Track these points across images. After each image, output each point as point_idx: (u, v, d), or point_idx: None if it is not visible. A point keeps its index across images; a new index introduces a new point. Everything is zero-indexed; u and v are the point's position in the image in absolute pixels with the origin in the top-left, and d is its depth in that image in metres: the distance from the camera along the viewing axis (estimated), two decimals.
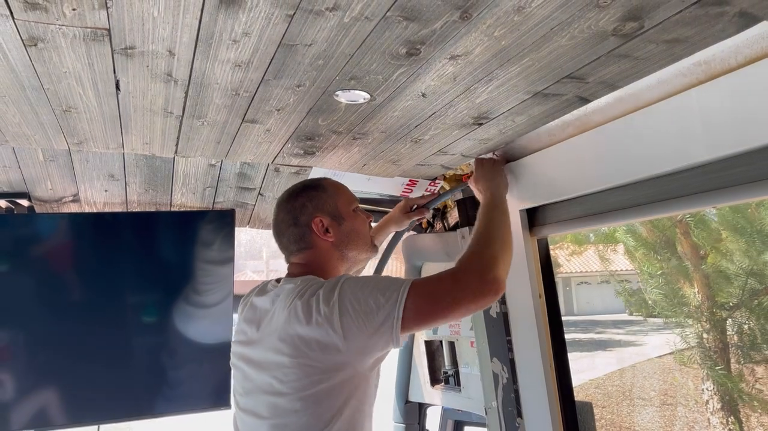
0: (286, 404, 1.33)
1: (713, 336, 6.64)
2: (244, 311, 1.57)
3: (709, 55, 1.16)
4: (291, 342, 1.33)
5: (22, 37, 1.05)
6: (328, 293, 1.34)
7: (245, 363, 1.47)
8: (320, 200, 1.56)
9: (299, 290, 1.38)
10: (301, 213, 1.54)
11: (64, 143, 1.63)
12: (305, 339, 1.31)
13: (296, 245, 1.55)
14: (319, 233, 1.53)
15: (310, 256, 1.54)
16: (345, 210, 1.58)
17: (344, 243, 1.56)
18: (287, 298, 1.38)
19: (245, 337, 1.51)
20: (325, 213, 1.54)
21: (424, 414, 2.67)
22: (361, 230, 1.60)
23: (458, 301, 1.32)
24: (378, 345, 1.32)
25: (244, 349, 1.49)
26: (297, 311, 1.34)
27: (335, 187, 1.61)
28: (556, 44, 1.10)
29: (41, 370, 2.11)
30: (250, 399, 1.44)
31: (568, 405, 1.77)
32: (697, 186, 1.26)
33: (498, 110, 1.43)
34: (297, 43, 1.10)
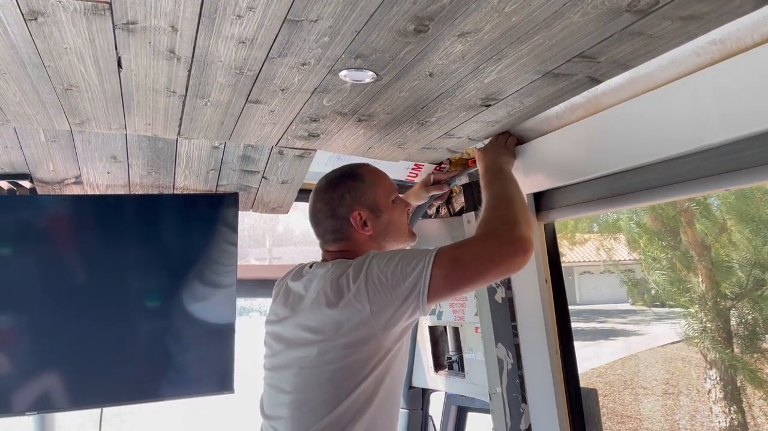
0: (310, 379, 1.37)
1: (716, 324, 6.63)
2: (279, 294, 1.59)
3: (725, 33, 1.13)
4: (322, 322, 1.37)
5: (22, 11, 1.03)
6: (356, 270, 1.36)
7: (274, 340, 1.51)
8: (359, 191, 1.54)
9: (330, 272, 1.41)
10: (340, 205, 1.53)
11: (66, 122, 1.61)
12: (337, 320, 1.34)
13: (332, 236, 1.55)
14: (357, 227, 1.52)
15: (347, 246, 1.54)
16: (384, 202, 1.57)
17: (382, 236, 1.56)
18: (319, 281, 1.42)
19: (276, 317, 1.54)
20: (363, 206, 1.53)
21: (427, 399, 2.66)
22: (400, 221, 1.60)
23: (488, 264, 1.31)
24: (405, 314, 1.33)
25: (275, 327, 1.53)
26: (327, 293, 1.37)
27: (375, 176, 1.60)
28: (568, 21, 1.07)
29: (44, 353, 2.10)
30: (276, 374, 1.48)
31: (573, 391, 1.76)
32: (711, 169, 1.24)
33: (507, 90, 1.40)
34: (302, 19, 1.07)
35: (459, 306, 2.27)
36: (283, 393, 1.42)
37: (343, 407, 1.33)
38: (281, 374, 1.45)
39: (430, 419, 2.69)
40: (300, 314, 1.44)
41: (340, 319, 1.34)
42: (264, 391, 1.54)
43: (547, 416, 1.75)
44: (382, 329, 1.33)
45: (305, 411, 1.36)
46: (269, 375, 1.51)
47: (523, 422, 1.83)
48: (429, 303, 1.32)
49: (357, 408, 1.34)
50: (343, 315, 1.33)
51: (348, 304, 1.33)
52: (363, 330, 1.33)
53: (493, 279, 1.39)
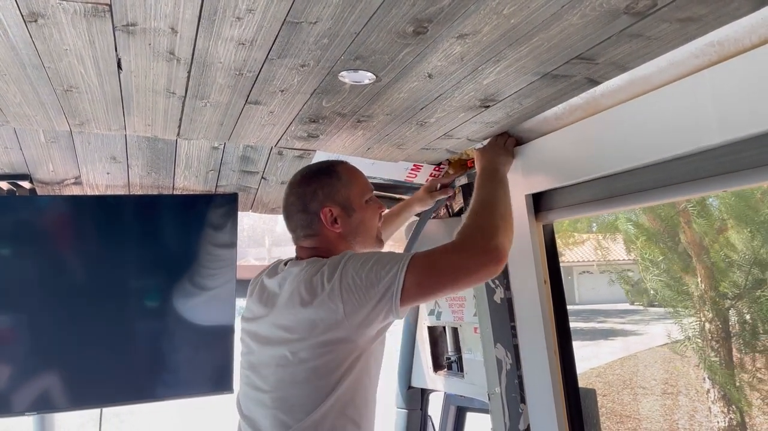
0: (287, 377, 1.37)
1: (715, 325, 6.63)
2: (255, 290, 1.59)
3: (723, 35, 1.13)
4: (296, 321, 1.37)
5: (22, 13, 1.03)
6: (331, 270, 1.36)
7: (251, 339, 1.51)
8: (332, 188, 1.53)
9: (304, 272, 1.40)
10: (311, 200, 1.52)
11: (66, 123, 1.61)
12: (311, 319, 1.34)
13: (303, 231, 1.54)
14: (327, 223, 1.51)
15: (317, 242, 1.53)
16: (357, 202, 1.56)
17: (352, 235, 1.55)
18: (293, 280, 1.41)
19: (252, 314, 1.54)
20: (335, 203, 1.52)
21: (426, 399, 2.67)
22: (370, 223, 1.59)
23: (460, 272, 1.32)
24: (379, 317, 1.33)
25: (251, 325, 1.53)
26: (301, 292, 1.36)
27: (350, 174, 1.58)
28: (566, 23, 1.07)
29: (44, 354, 2.10)
30: (254, 372, 1.47)
31: (572, 392, 1.76)
32: (709, 170, 1.24)
33: (505, 91, 1.40)
34: (302, 21, 1.07)
35: (458, 307, 2.27)
36: (261, 391, 1.42)
37: (325, 406, 1.34)
38: (259, 373, 1.45)
39: (429, 419, 2.70)
40: (275, 312, 1.43)
41: (314, 318, 1.34)
42: (241, 390, 1.54)
43: (545, 416, 1.75)
44: (356, 329, 1.33)
45: (285, 409, 1.37)
46: (246, 374, 1.50)
47: (521, 422, 1.83)
48: (402, 307, 1.31)
49: (338, 407, 1.35)
50: (317, 314, 1.33)
51: (322, 303, 1.33)
52: (337, 330, 1.33)
53: (465, 287, 1.40)
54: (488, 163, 1.63)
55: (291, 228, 1.58)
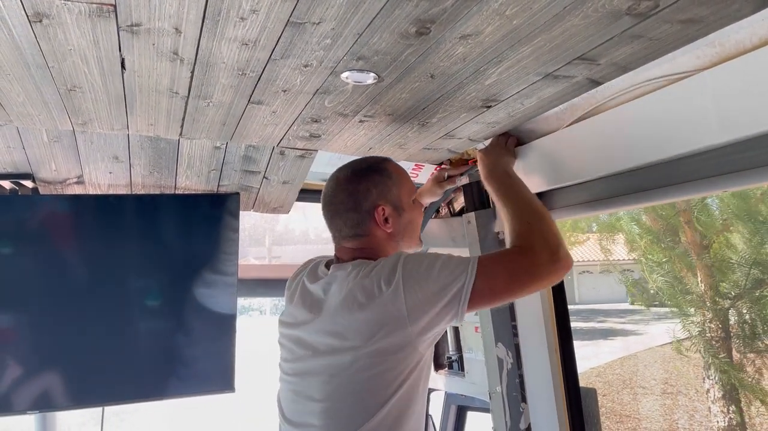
0: (343, 387, 1.31)
1: (715, 324, 6.65)
2: (296, 295, 1.53)
3: (724, 36, 1.14)
4: (351, 327, 1.31)
5: (27, 13, 1.04)
6: (389, 272, 1.31)
7: (295, 345, 1.46)
8: (385, 187, 1.49)
9: (354, 275, 1.35)
10: (365, 199, 1.47)
11: (69, 123, 1.62)
12: (368, 323, 1.29)
13: (351, 230, 1.49)
14: (379, 223, 1.47)
15: (365, 243, 1.48)
16: (406, 201, 1.53)
17: (401, 235, 1.52)
18: (342, 284, 1.36)
19: (294, 320, 1.49)
20: (388, 202, 1.48)
21: (427, 398, 2.67)
22: (417, 222, 1.57)
23: (534, 277, 1.31)
24: (442, 321, 1.30)
25: (294, 331, 1.47)
26: (357, 295, 1.31)
27: (400, 174, 1.55)
28: (568, 24, 1.08)
29: (46, 352, 2.11)
30: (303, 380, 1.41)
31: (573, 391, 1.77)
32: (710, 170, 1.25)
33: (507, 92, 1.41)
34: (305, 21, 1.08)
35: None
36: (313, 401, 1.36)
37: (379, 416, 1.28)
38: (308, 381, 1.39)
39: (430, 418, 2.70)
40: (323, 318, 1.38)
41: (373, 322, 1.28)
42: (286, 396, 1.48)
43: (546, 415, 1.76)
44: (418, 334, 1.29)
45: (339, 419, 1.31)
46: (294, 381, 1.45)
47: (522, 421, 1.84)
48: (468, 311, 1.29)
49: (393, 417, 1.30)
50: (377, 318, 1.28)
51: (382, 306, 1.28)
52: (398, 335, 1.28)
53: (531, 293, 1.38)
54: (494, 165, 1.62)
55: (335, 227, 1.52)
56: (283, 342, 1.52)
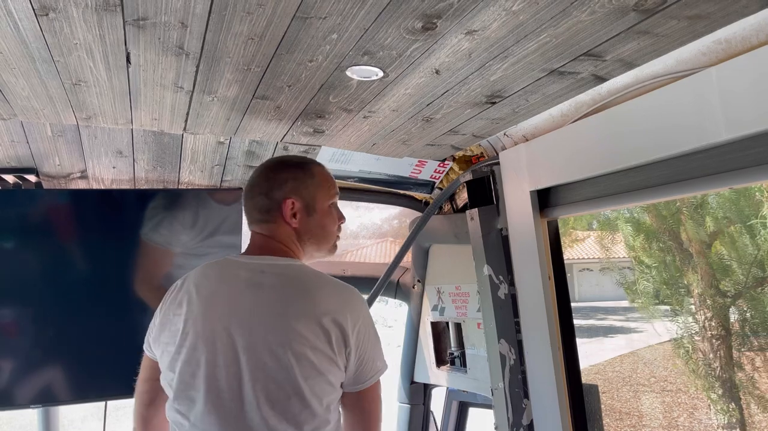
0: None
1: (715, 323, 6.65)
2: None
3: (730, 32, 1.14)
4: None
5: (33, 6, 1.04)
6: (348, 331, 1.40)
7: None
8: (303, 183, 1.51)
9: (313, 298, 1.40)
10: (279, 188, 1.50)
11: (73, 117, 1.62)
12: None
13: (259, 215, 1.51)
14: (285, 215, 1.49)
15: (272, 231, 1.51)
16: (321, 205, 1.54)
17: (306, 235, 1.52)
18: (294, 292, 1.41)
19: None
20: (301, 198, 1.50)
21: (429, 394, 2.68)
22: (329, 228, 1.57)
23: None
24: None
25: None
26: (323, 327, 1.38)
27: (323, 178, 1.56)
28: (575, 19, 1.08)
29: (48, 346, 2.11)
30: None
31: (575, 387, 1.77)
32: (715, 167, 1.25)
33: (512, 88, 1.41)
34: (311, 16, 1.08)
35: (461, 302, 2.28)
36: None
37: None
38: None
39: (432, 414, 2.71)
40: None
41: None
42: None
43: (549, 411, 1.76)
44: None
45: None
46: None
47: (525, 417, 1.84)
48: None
49: None
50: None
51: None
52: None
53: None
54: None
55: (247, 209, 1.55)
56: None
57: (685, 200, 6.51)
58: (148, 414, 1.57)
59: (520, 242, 1.83)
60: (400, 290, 2.77)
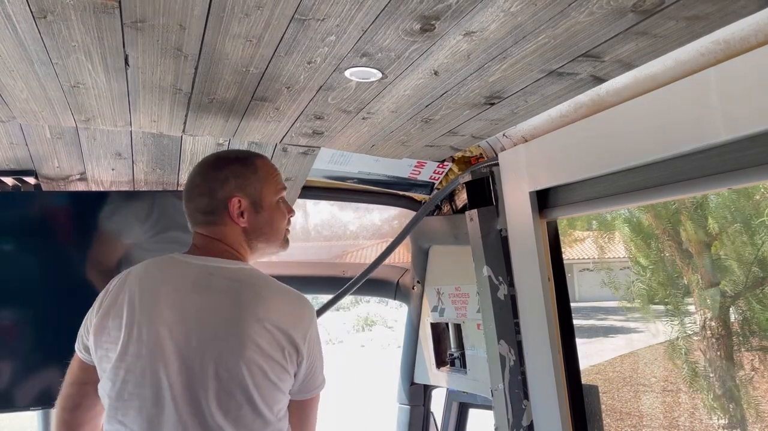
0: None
1: (716, 323, 6.65)
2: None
3: (729, 33, 1.14)
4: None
5: (31, 9, 1.04)
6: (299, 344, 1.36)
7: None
8: (246, 179, 1.43)
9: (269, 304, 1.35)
10: (221, 187, 1.41)
11: (72, 119, 1.62)
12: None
13: (203, 217, 1.42)
14: (232, 215, 1.41)
15: (218, 233, 1.42)
16: (268, 200, 1.46)
17: (256, 233, 1.45)
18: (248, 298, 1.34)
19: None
20: (246, 196, 1.42)
21: (429, 395, 2.68)
22: (278, 224, 1.49)
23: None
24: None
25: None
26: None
27: (267, 171, 1.48)
28: (573, 20, 1.08)
29: (48, 348, 2.11)
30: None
31: (575, 388, 1.77)
32: (714, 167, 1.25)
33: (511, 89, 1.41)
34: (310, 18, 1.08)
35: (461, 303, 2.28)
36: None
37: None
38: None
39: (432, 415, 2.71)
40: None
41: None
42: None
43: (549, 412, 1.76)
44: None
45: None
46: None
47: (525, 418, 1.84)
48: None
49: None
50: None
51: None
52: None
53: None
54: None
55: (190, 210, 1.45)
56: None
57: (684, 200, 6.51)
58: (74, 419, 1.43)
59: (519, 242, 1.83)
60: (399, 291, 2.77)
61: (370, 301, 17.59)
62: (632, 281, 8.60)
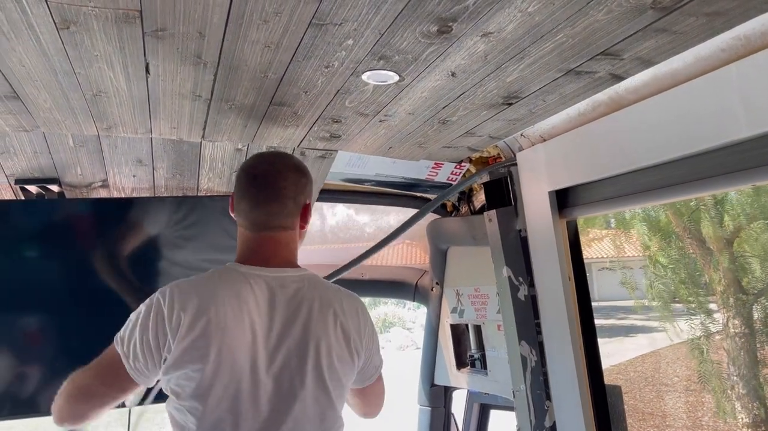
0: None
1: (739, 321, 6.56)
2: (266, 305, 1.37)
3: (749, 29, 1.13)
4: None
5: (54, 20, 1.06)
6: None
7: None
8: (310, 189, 1.50)
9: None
10: (302, 192, 1.45)
11: (94, 128, 1.64)
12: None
13: (284, 221, 1.42)
14: (304, 220, 1.46)
15: (289, 238, 1.44)
16: (311, 208, 1.52)
17: (302, 237, 1.52)
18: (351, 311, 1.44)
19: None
20: (310, 203, 1.49)
21: (449, 397, 2.67)
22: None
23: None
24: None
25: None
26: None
27: (313, 181, 1.56)
28: (591, 19, 1.07)
29: (72, 354, 2.13)
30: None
31: (598, 388, 1.76)
32: (735, 164, 1.23)
33: (529, 88, 1.41)
34: (327, 23, 1.09)
35: (481, 304, 2.27)
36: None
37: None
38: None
39: (452, 417, 2.70)
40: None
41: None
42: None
43: (572, 413, 1.75)
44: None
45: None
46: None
47: (547, 419, 1.83)
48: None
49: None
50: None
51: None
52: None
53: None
54: None
55: (265, 212, 1.40)
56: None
57: (703, 198, 6.43)
58: (92, 417, 1.47)
59: (539, 242, 1.82)
60: (418, 293, 2.77)
61: (388, 303, 17.59)
62: (651, 280, 8.52)
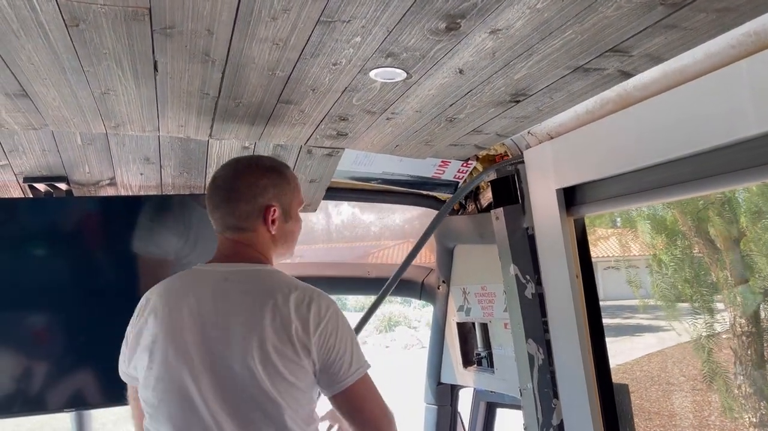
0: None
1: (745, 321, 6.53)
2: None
3: (760, 25, 1.12)
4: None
5: (64, 18, 1.06)
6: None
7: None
8: (282, 189, 1.50)
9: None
10: (261, 194, 1.46)
11: (102, 126, 1.65)
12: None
13: (237, 222, 1.46)
14: (267, 222, 1.47)
15: (248, 239, 1.47)
16: (295, 211, 1.55)
17: (281, 241, 1.52)
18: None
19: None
20: (280, 205, 1.49)
21: (456, 395, 2.67)
22: (297, 234, 1.58)
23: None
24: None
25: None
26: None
27: (296, 184, 1.57)
28: (600, 15, 1.07)
29: (80, 351, 2.15)
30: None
31: (606, 387, 1.75)
32: (746, 161, 1.23)
33: (536, 86, 1.40)
34: (335, 20, 1.08)
35: (487, 303, 2.27)
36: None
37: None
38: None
39: (459, 415, 2.70)
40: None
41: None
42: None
43: (579, 411, 1.75)
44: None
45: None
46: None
47: (555, 417, 1.83)
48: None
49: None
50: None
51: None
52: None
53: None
54: None
55: (219, 214, 1.48)
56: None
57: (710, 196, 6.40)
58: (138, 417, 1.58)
59: (546, 241, 1.81)
60: (425, 291, 2.77)
61: (392, 301, 17.60)
62: (656, 279, 8.49)
